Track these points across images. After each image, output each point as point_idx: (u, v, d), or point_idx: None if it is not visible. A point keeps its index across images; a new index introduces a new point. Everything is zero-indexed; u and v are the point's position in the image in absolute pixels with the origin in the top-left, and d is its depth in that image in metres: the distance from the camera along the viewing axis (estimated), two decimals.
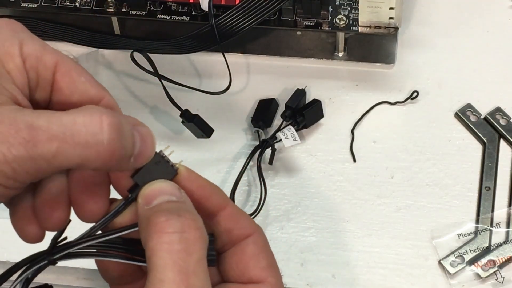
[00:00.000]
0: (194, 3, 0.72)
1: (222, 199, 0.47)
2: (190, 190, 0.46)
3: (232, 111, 0.73)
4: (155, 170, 0.45)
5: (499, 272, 0.65)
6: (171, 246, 0.42)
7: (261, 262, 0.46)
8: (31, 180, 0.41)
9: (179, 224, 0.42)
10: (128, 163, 0.43)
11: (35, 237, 0.46)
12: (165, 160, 0.46)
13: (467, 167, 0.69)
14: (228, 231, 0.47)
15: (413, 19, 0.77)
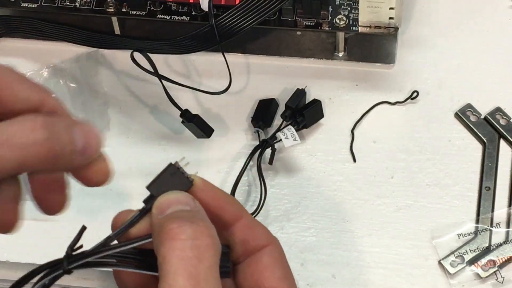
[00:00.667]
0: (194, 3, 0.72)
1: (237, 210, 0.47)
2: (205, 201, 0.46)
3: (232, 111, 0.73)
4: (170, 181, 0.46)
5: (499, 272, 0.65)
6: (183, 252, 0.42)
7: (276, 273, 0.46)
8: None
9: (191, 231, 0.43)
10: (74, 159, 0.43)
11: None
12: (180, 172, 0.47)
13: (467, 167, 0.69)
14: (243, 242, 0.47)
15: (413, 19, 0.77)
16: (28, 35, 0.76)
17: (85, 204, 0.70)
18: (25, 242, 0.69)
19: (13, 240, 0.69)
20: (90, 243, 0.69)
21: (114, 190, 0.70)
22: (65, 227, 0.69)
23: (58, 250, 0.69)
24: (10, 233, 0.46)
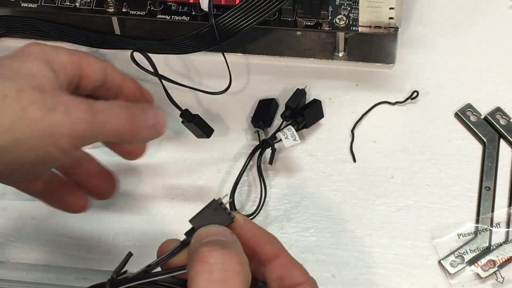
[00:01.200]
0: (194, 3, 0.72)
1: (276, 248, 0.49)
2: (244, 237, 0.48)
3: (232, 111, 0.73)
4: (212, 216, 0.48)
5: (499, 272, 0.65)
6: (211, 275, 0.44)
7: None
8: (90, 143, 0.53)
9: (221, 255, 0.45)
10: (148, 133, 0.56)
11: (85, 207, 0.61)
12: (222, 208, 0.49)
13: (467, 167, 0.69)
14: (279, 279, 0.48)
15: (413, 19, 0.77)
16: (28, 35, 0.76)
17: None
18: (25, 242, 0.69)
19: (13, 240, 0.69)
20: (89, 243, 0.69)
21: None
22: (66, 227, 0.69)
23: (58, 250, 0.69)
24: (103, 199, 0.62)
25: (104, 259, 0.68)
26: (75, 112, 0.51)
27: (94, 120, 0.52)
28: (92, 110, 0.52)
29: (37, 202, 0.70)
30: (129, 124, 0.54)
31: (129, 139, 0.56)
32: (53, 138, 0.51)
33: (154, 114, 0.56)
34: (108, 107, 0.54)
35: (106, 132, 0.53)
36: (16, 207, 0.70)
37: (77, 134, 0.51)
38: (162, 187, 0.70)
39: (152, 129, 0.56)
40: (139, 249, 0.68)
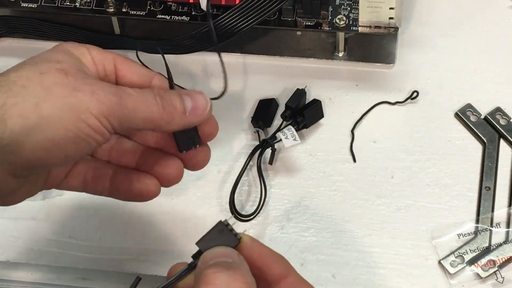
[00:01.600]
0: (194, 3, 0.72)
1: (284, 268, 0.50)
2: (252, 258, 0.49)
3: (232, 111, 0.73)
4: (218, 238, 0.49)
5: (499, 272, 0.65)
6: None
7: None
8: (118, 126, 0.52)
9: (226, 277, 0.45)
10: (186, 118, 0.55)
11: (156, 191, 0.59)
12: (229, 229, 0.49)
13: (467, 167, 0.69)
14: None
15: (413, 19, 0.77)
16: (28, 35, 0.76)
17: (85, 204, 0.70)
18: (25, 242, 0.69)
19: (13, 240, 0.69)
20: (89, 243, 0.69)
21: None
22: (66, 227, 0.69)
23: (58, 250, 0.69)
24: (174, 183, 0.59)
25: (104, 259, 0.68)
26: (101, 93, 0.51)
27: (122, 103, 0.52)
28: (120, 93, 0.52)
29: (37, 202, 0.70)
30: (161, 110, 0.54)
31: (163, 126, 0.54)
32: (81, 114, 0.50)
33: (193, 98, 0.56)
34: (139, 93, 0.53)
35: (137, 118, 0.53)
36: (16, 207, 0.70)
37: (105, 113, 0.51)
38: (162, 187, 0.70)
39: (192, 114, 0.55)
40: (139, 249, 0.68)
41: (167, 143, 0.58)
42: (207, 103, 0.56)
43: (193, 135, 0.57)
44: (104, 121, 0.51)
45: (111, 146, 0.59)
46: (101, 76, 0.56)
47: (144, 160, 0.59)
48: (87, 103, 0.51)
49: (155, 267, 0.66)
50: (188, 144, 0.57)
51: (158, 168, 0.58)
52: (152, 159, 0.58)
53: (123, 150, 0.59)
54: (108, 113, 0.51)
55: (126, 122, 0.53)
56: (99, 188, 0.59)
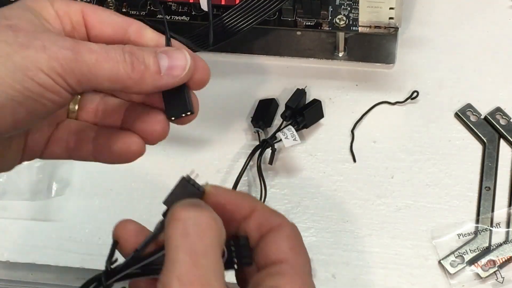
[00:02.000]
0: (194, 3, 0.72)
1: (251, 203, 0.49)
2: (219, 204, 0.48)
3: (232, 111, 0.73)
4: (183, 193, 0.48)
5: (499, 272, 0.65)
6: (184, 230, 0.44)
7: (283, 246, 0.47)
8: (76, 85, 0.47)
9: (194, 212, 0.45)
10: (160, 78, 0.49)
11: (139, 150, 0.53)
12: (191, 184, 0.49)
13: (467, 167, 0.69)
14: (258, 228, 0.48)
15: (413, 19, 0.77)
16: None
17: (85, 204, 0.70)
18: (25, 242, 0.69)
19: (13, 240, 0.69)
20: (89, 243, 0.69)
21: (114, 190, 0.70)
22: (65, 227, 0.69)
23: (58, 250, 0.69)
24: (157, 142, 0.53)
25: (104, 259, 0.68)
26: (53, 48, 0.47)
27: (79, 59, 0.47)
28: (77, 48, 0.47)
29: (37, 202, 0.70)
30: (128, 69, 0.48)
31: (132, 87, 0.49)
32: (29, 72, 0.46)
33: (170, 57, 0.50)
34: (102, 48, 0.48)
35: (100, 76, 0.48)
36: (16, 207, 0.70)
37: (58, 70, 0.47)
38: (162, 187, 0.70)
39: (167, 75, 0.50)
40: None
41: (153, 99, 0.53)
42: (187, 62, 0.51)
43: (185, 98, 0.51)
44: (57, 79, 0.47)
45: (96, 107, 0.55)
46: (67, 30, 0.51)
47: (128, 117, 0.54)
48: (36, 60, 0.46)
49: None
50: (177, 109, 0.51)
51: (141, 124, 0.53)
52: (135, 116, 0.53)
53: (108, 109, 0.55)
54: (63, 69, 0.47)
55: (86, 81, 0.48)
56: (84, 153, 0.55)
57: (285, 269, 0.46)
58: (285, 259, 0.47)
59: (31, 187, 0.71)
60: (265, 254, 0.47)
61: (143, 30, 0.52)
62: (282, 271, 0.46)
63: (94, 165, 0.72)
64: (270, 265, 0.47)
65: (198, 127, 0.73)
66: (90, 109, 0.54)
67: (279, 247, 0.47)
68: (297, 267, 0.47)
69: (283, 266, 0.46)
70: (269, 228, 0.48)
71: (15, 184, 0.71)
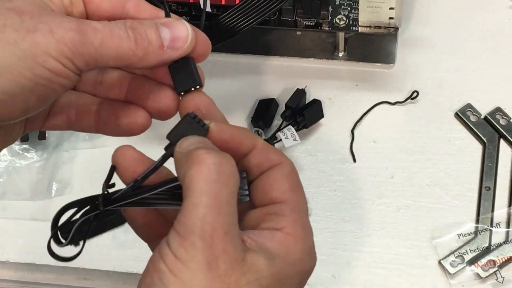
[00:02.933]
0: (194, 3, 0.72)
1: (252, 139, 0.49)
2: (223, 141, 0.49)
3: (232, 111, 0.73)
4: (187, 129, 0.48)
5: (499, 272, 0.65)
6: (209, 175, 0.44)
7: (284, 185, 0.48)
8: (84, 66, 0.47)
9: (217, 158, 0.45)
10: (164, 52, 0.49)
11: (145, 124, 0.53)
12: (196, 121, 0.49)
13: (467, 167, 0.69)
14: (258, 165, 0.49)
15: (413, 19, 0.77)
16: None
17: None
18: (25, 242, 0.69)
19: (13, 240, 0.69)
20: (89, 243, 0.69)
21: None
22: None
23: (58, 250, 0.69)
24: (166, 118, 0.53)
25: (104, 259, 0.68)
26: (60, 31, 0.46)
27: (87, 41, 0.47)
28: (83, 29, 0.47)
29: (37, 202, 0.70)
30: (133, 45, 0.48)
31: (136, 63, 0.49)
32: (38, 59, 0.46)
33: (172, 29, 0.50)
34: (106, 27, 0.48)
35: (106, 55, 0.48)
36: (16, 207, 0.70)
37: (67, 53, 0.46)
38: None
39: (170, 48, 0.49)
40: (139, 249, 0.68)
41: (157, 72, 0.53)
42: (188, 33, 0.50)
43: (192, 71, 0.52)
44: (66, 63, 0.47)
45: (94, 78, 0.54)
46: (66, 4, 0.50)
47: (134, 92, 0.53)
48: (44, 45, 0.46)
49: None
50: (186, 82, 0.51)
51: (148, 100, 0.52)
52: (143, 92, 0.53)
53: (109, 82, 0.54)
54: (71, 53, 0.46)
55: (93, 61, 0.47)
56: (85, 126, 0.54)
57: (285, 210, 0.47)
58: (285, 199, 0.47)
59: (31, 187, 0.71)
60: (264, 192, 0.48)
61: (141, 4, 0.51)
62: (282, 212, 0.47)
63: (94, 165, 0.72)
64: (269, 204, 0.47)
65: None
66: (87, 80, 0.54)
67: (279, 186, 0.47)
68: (297, 208, 0.47)
69: (283, 207, 0.47)
70: (269, 165, 0.48)
71: (15, 184, 0.71)
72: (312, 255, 0.47)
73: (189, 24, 0.50)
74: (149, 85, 0.53)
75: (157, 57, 0.49)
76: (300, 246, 0.46)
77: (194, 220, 0.43)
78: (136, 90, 0.53)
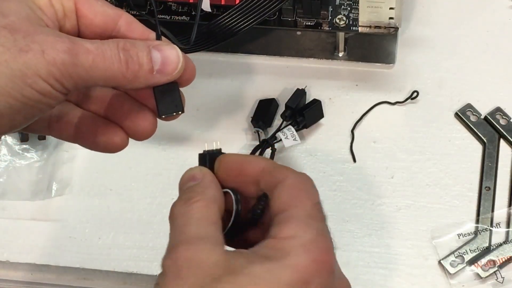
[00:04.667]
0: (194, 3, 0.72)
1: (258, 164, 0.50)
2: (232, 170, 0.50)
3: (232, 111, 0.73)
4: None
5: (499, 272, 0.65)
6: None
7: (284, 196, 0.48)
8: (73, 87, 0.48)
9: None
10: (153, 76, 0.50)
11: (121, 145, 0.54)
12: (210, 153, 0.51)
13: (467, 167, 0.69)
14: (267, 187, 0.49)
15: (413, 19, 0.77)
16: None
17: (85, 204, 0.70)
18: (25, 242, 0.69)
19: (13, 240, 0.69)
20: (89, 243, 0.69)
21: (114, 190, 0.70)
22: (65, 227, 0.69)
23: (58, 250, 0.69)
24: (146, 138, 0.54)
25: (104, 259, 0.68)
26: (52, 52, 0.46)
27: (78, 63, 0.47)
28: (75, 50, 0.47)
29: (37, 202, 0.70)
30: (123, 68, 0.48)
31: (125, 84, 0.49)
32: (27, 80, 0.46)
33: (163, 53, 0.50)
34: (98, 49, 0.48)
35: (96, 77, 0.48)
36: (16, 207, 0.70)
37: (57, 76, 0.46)
38: (162, 187, 0.70)
39: (160, 73, 0.50)
40: (139, 249, 0.68)
41: (141, 92, 0.53)
42: (179, 59, 0.50)
43: (177, 97, 0.51)
44: (55, 84, 0.47)
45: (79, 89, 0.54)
46: (59, 17, 0.50)
47: (113, 108, 0.54)
48: (34, 66, 0.46)
49: (155, 266, 0.66)
50: (170, 107, 0.52)
51: (127, 120, 0.53)
52: (121, 109, 0.53)
53: (92, 95, 0.54)
54: (60, 74, 0.47)
55: (82, 82, 0.48)
56: (64, 135, 0.55)
57: (285, 217, 0.47)
58: (284, 208, 0.47)
59: (31, 187, 0.71)
60: (269, 210, 0.48)
61: (133, 22, 0.52)
62: (281, 220, 0.46)
63: (94, 165, 0.72)
64: (274, 217, 0.47)
65: (198, 127, 0.73)
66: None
67: (279, 198, 0.47)
68: (299, 212, 0.47)
69: (283, 215, 0.47)
70: (275, 183, 0.48)
71: (15, 184, 0.71)
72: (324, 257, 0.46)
73: (179, 50, 0.51)
74: (129, 105, 0.53)
75: (146, 80, 0.50)
76: (300, 249, 0.45)
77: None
78: (116, 107, 0.53)
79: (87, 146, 0.54)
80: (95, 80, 0.48)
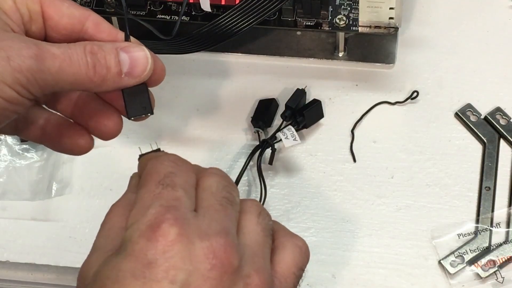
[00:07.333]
0: (194, 3, 0.72)
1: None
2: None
3: (232, 111, 0.73)
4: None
5: (499, 272, 0.65)
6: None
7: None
8: (39, 93, 0.47)
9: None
10: (121, 79, 0.49)
11: (87, 147, 0.54)
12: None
13: (467, 167, 0.69)
14: None
15: (413, 19, 0.77)
16: None
17: (85, 204, 0.70)
18: (25, 242, 0.69)
19: (13, 240, 0.69)
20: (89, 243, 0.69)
21: (114, 190, 0.70)
22: (65, 227, 0.69)
23: (58, 250, 0.69)
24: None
25: None
26: (17, 59, 0.46)
27: (44, 69, 0.46)
28: (41, 56, 0.46)
29: (37, 202, 0.70)
30: (90, 72, 0.48)
31: (92, 88, 0.49)
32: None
33: (132, 56, 0.49)
34: (64, 52, 0.47)
35: (62, 82, 0.47)
36: (16, 207, 0.70)
37: (23, 82, 0.46)
38: None
39: (128, 76, 0.49)
40: None
41: (108, 93, 0.52)
42: (148, 61, 0.50)
43: (146, 99, 0.51)
44: (21, 90, 0.46)
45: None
46: (25, 21, 0.50)
47: (79, 108, 0.53)
48: (0, 73, 0.45)
49: None
50: (138, 109, 0.51)
51: (92, 120, 0.53)
52: (87, 108, 0.53)
53: (58, 95, 0.54)
54: (27, 81, 0.46)
55: (49, 88, 0.47)
56: (31, 136, 0.54)
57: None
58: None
59: (31, 187, 0.71)
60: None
61: (100, 23, 0.51)
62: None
63: (94, 165, 0.72)
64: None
65: (198, 127, 0.73)
66: None
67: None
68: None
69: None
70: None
71: (15, 184, 0.71)
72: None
73: (148, 50, 0.50)
74: (95, 105, 0.53)
75: (114, 84, 0.49)
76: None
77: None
78: (82, 107, 0.53)
79: (52, 147, 0.54)
80: (62, 85, 0.48)
